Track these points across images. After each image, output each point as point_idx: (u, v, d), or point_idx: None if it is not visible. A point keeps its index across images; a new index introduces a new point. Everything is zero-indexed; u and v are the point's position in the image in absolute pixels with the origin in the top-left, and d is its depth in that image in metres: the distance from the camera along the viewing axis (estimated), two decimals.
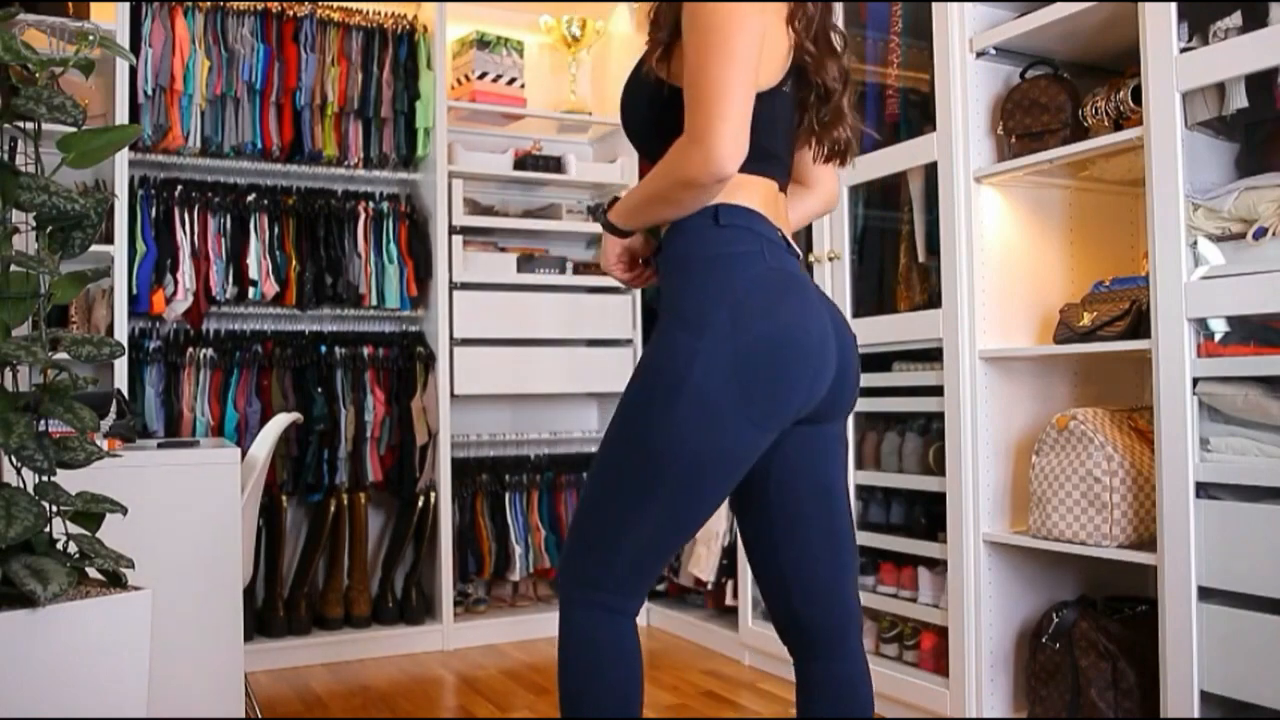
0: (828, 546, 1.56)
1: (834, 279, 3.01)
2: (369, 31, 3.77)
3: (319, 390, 3.62)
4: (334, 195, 3.74)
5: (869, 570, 2.98)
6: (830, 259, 3.02)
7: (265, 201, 3.61)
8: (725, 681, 3.25)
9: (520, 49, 4.04)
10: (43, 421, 1.42)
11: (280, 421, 2.74)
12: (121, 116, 3.21)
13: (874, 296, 3.03)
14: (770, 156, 1.51)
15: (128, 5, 3.28)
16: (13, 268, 1.40)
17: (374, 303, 3.72)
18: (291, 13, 3.66)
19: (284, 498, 3.57)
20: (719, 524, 3.60)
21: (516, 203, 4.18)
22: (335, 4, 3.74)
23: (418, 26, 3.86)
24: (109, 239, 3.20)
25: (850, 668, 1.57)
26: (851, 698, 1.56)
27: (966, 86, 2.60)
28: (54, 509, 1.41)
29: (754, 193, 1.49)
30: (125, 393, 3.17)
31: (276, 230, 3.62)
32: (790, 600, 1.57)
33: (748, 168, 1.42)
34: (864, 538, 2.94)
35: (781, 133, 1.55)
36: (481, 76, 3.94)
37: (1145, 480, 2.31)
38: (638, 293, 4.05)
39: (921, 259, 2.89)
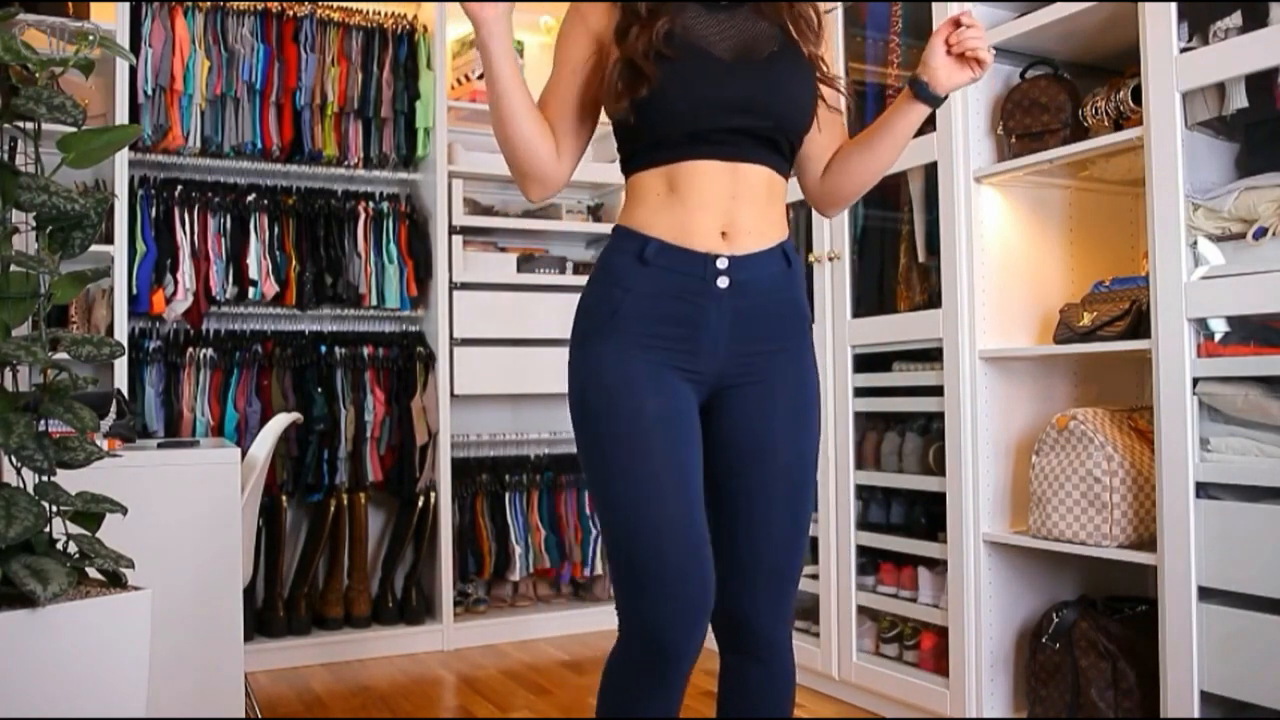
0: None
1: (834, 279, 3.01)
2: (369, 31, 3.77)
3: (319, 390, 3.62)
4: (334, 195, 3.74)
5: (869, 570, 2.98)
6: (830, 259, 3.02)
7: (265, 201, 3.61)
8: None
9: (520, 49, 4.03)
10: (43, 421, 1.42)
11: (280, 421, 2.74)
12: (121, 116, 3.21)
13: (874, 296, 3.02)
14: None
15: (128, 5, 3.28)
16: (13, 268, 1.40)
17: (374, 303, 3.73)
18: (291, 13, 3.66)
19: (284, 498, 3.57)
20: None
21: (516, 203, 4.18)
22: (335, 4, 3.74)
23: (418, 26, 3.86)
24: (109, 239, 3.20)
25: (774, 667, 1.51)
26: (771, 700, 1.51)
27: (966, 86, 2.60)
28: (54, 509, 1.41)
29: None
30: (125, 393, 3.17)
31: (276, 230, 3.62)
32: (719, 575, 1.49)
33: None
34: (864, 538, 2.94)
35: None
36: (481, 76, 3.94)
37: (1145, 480, 2.31)
38: None
39: (921, 259, 2.89)
